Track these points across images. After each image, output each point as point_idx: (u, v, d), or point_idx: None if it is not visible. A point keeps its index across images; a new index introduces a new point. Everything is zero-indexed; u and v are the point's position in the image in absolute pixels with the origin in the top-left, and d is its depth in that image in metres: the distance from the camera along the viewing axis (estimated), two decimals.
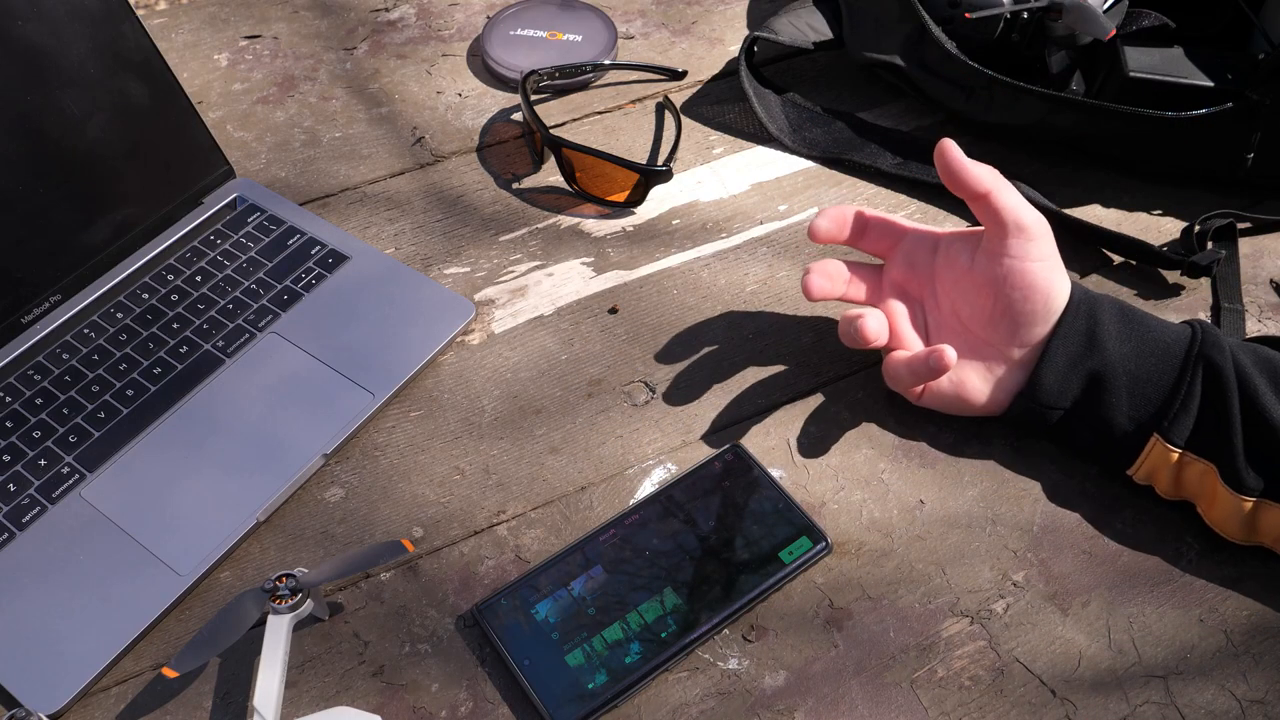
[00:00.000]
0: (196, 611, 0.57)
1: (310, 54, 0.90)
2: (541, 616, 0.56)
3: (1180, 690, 0.55)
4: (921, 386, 0.62)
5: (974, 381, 0.62)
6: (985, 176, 0.60)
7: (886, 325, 0.61)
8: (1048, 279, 0.60)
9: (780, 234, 0.76)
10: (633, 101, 0.86)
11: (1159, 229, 0.76)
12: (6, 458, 0.62)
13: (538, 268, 0.74)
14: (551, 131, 0.78)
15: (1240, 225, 0.74)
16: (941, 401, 0.63)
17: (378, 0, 0.95)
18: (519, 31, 0.89)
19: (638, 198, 0.77)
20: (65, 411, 0.64)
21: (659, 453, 0.64)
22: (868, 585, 0.58)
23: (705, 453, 0.64)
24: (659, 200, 0.78)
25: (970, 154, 0.80)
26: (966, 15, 0.77)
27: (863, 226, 0.65)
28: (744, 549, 0.58)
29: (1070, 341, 0.60)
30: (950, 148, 0.60)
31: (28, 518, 0.59)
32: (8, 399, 0.64)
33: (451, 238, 0.76)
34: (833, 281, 0.63)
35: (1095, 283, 0.73)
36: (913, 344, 0.63)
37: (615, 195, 0.77)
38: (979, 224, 0.70)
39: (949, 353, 0.58)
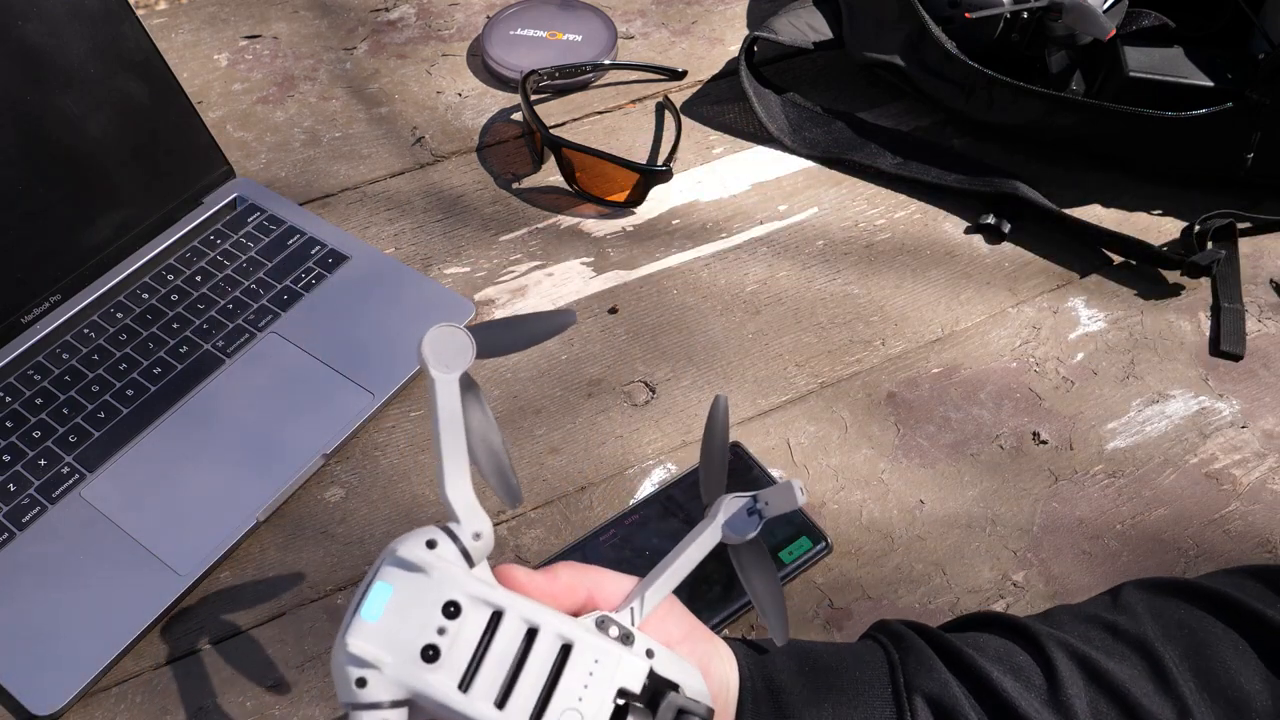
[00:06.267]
0: (196, 611, 0.57)
1: (310, 54, 0.90)
2: None
3: None
4: None
5: None
6: (576, 577, 0.41)
7: None
8: (698, 663, 0.42)
9: (780, 234, 0.76)
10: (633, 101, 0.86)
11: (1159, 229, 0.76)
12: (6, 458, 0.61)
13: (538, 268, 0.74)
14: (551, 131, 0.77)
15: (1240, 225, 0.74)
16: None
17: (378, 0, 0.95)
18: (519, 31, 0.89)
19: (638, 198, 0.77)
20: (65, 411, 0.64)
21: (659, 453, 0.64)
22: (868, 585, 0.58)
23: None
24: (659, 200, 0.78)
25: (970, 154, 0.80)
26: (966, 15, 0.77)
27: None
28: None
29: None
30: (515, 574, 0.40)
31: (28, 518, 0.59)
32: (8, 399, 0.64)
33: (451, 238, 0.76)
34: None
35: (1095, 282, 0.73)
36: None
37: (615, 195, 0.77)
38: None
39: None
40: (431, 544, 0.37)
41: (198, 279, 0.71)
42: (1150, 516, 0.61)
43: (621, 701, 0.36)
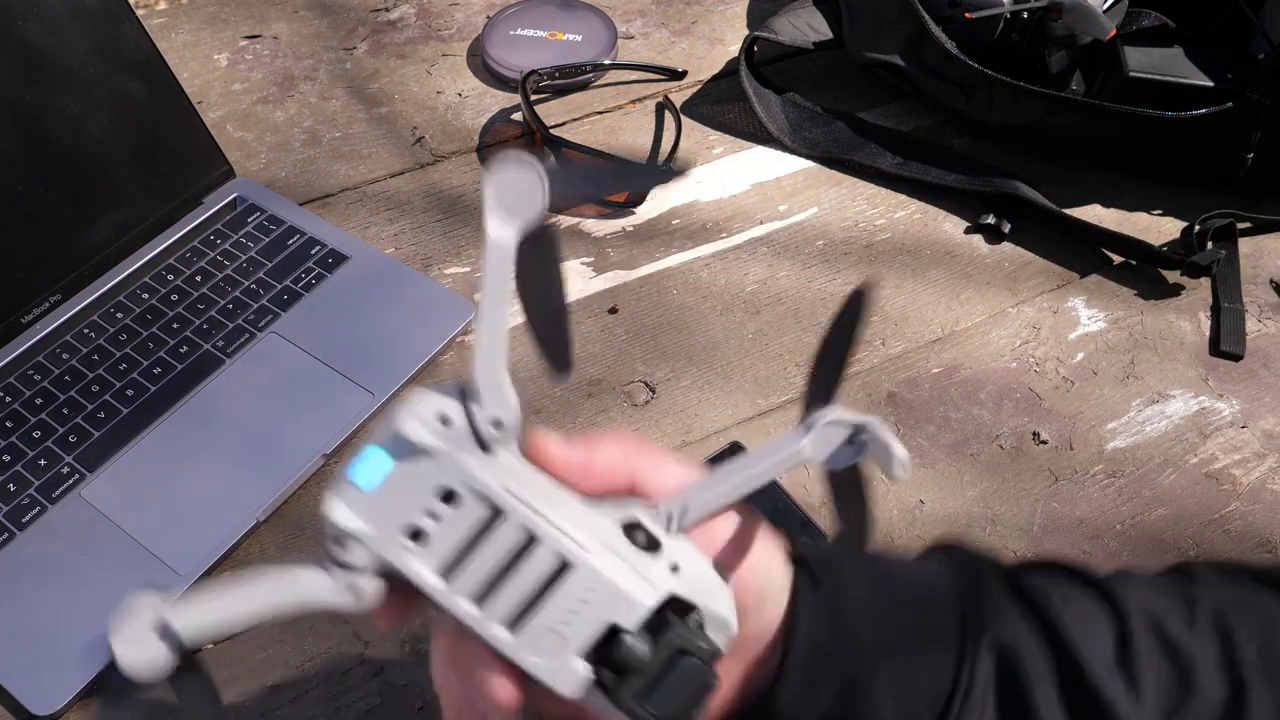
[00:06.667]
0: None
1: (310, 54, 0.90)
2: None
3: None
4: None
5: None
6: (618, 459, 0.36)
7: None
8: (753, 564, 0.36)
9: (780, 234, 0.76)
10: (633, 101, 0.86)
11: (1159, 229, 0.76)
12: (6, 458, 0.61)
13: None
14: (551, 131, 0.78)
15: (1240, 225, 0.74)
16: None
17: (378, 0, 0.95)
18: (519, 31, 0.89)
19: (638, 198, 0.77)
20: (65, 411, 0.64)
21: None
22: None
23: (705, 453, 0.64)
24: (659, 200, 0.78)
25: (970, 154, 0.80)
26: (966, 15, 0.77)
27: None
28: None
29: (810, 648, 0.38)
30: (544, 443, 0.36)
31: (28, 518, 0.59)
32: (8, 399, 0.64)
33: (451, 238, 0.76)
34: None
35: (1095, 282, 0.73)
36: None
37: (615, 195, 0.77)
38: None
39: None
40: (445, 420, 0.33)
41: (198, 279, 0.71)
42: (1150, 516, 0.61)
43: (610, 629, 0.33)
